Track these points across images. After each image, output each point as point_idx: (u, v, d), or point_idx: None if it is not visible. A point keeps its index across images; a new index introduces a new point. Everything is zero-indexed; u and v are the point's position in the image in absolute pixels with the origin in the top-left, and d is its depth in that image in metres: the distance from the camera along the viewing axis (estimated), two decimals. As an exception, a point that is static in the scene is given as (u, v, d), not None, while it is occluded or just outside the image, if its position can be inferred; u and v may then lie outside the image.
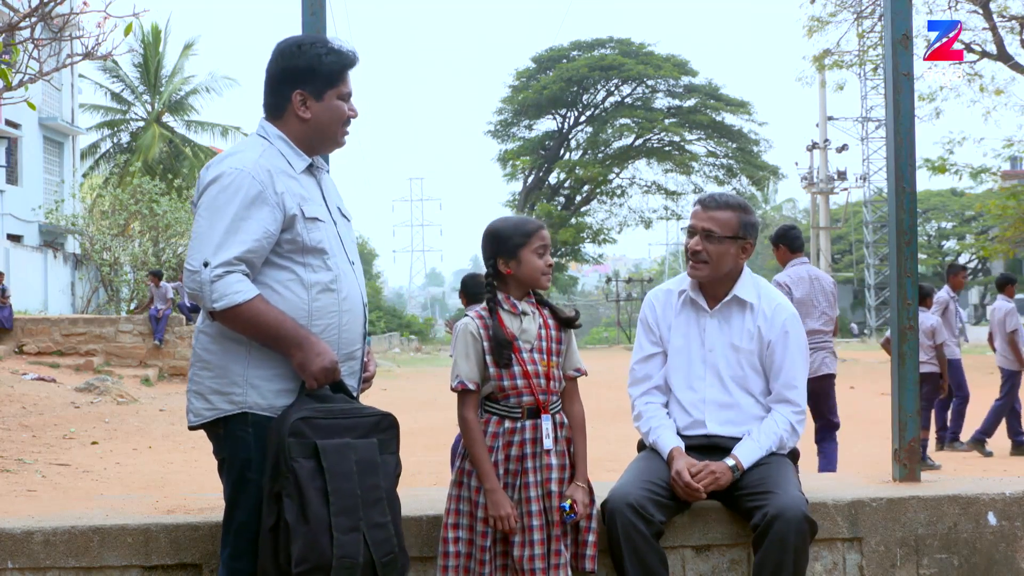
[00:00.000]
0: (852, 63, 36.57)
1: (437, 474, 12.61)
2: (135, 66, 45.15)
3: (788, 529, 3.86)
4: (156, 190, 32.42)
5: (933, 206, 77.65)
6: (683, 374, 4.37)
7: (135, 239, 32.34)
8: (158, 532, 4.03)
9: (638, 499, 3.95)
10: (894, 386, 4.66)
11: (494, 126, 72.25)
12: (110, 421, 17.35)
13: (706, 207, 4.34)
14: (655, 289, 4.62)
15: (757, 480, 4.10)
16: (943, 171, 30.10)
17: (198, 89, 45.95)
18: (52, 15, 10.87)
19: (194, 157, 44.45)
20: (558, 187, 70.80)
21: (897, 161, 4.63)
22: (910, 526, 4.31)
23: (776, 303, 4.36)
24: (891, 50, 4.67)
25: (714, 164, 70.59)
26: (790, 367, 4.28)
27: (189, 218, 33.69)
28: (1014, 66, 29.42)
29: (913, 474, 4.61)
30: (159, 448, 15.00)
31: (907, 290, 4.63)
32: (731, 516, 4.20)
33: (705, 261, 4.27)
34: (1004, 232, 32.35)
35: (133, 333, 24.43)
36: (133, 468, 13.05)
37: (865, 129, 61.99)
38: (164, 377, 24.07)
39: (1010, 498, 4.41)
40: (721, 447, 4.25)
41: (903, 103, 4.66)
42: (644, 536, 3.91)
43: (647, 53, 67.52)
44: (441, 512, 4.02)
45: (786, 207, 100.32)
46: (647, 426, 4.36)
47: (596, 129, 69.15)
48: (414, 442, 15.83)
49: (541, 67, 69.42)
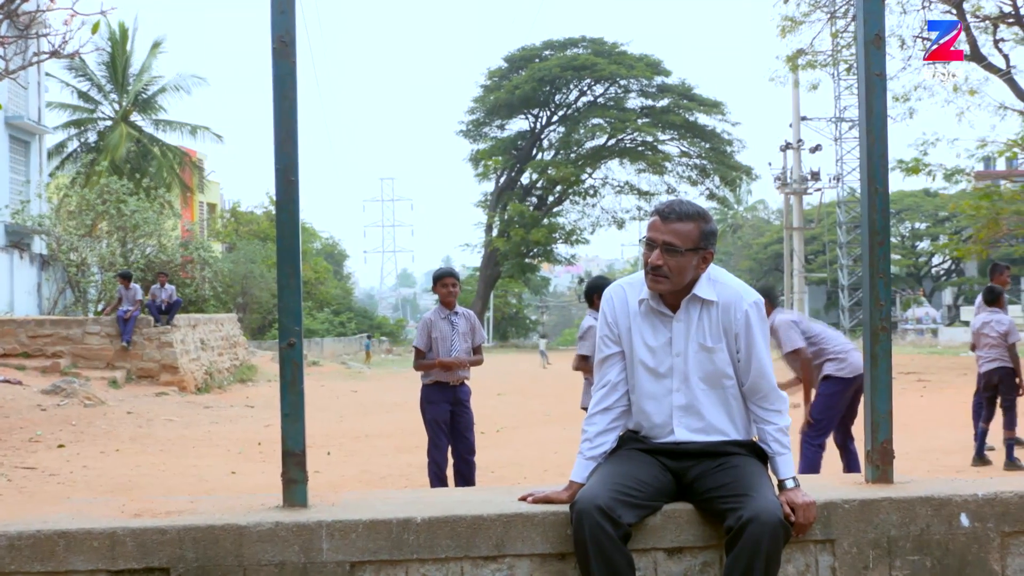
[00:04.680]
0: (826, 63, 36.82)
1: (408, 477, 12.61)
2: (102, 64, 44.91)
3: (762, 533, 3.85)
4: (124, 190, 32.29)
5: (907, 206, 78.15)
6: (649, 382, 4.32)
7: (102, 239, 32.19)
8: (124, 536, 4.00)
9: (607, 501, 3.93)
10: (867, 387, 4.66)
11: (466, 126, 72.37)
12: (77, 424, 17.27)
13: (666, 219, 4.19)
14: (614, 284, 4.51)
15: (731, 481, 4.09)
16: (917, 172, 30.27)
17: (166, 88, 45.74)
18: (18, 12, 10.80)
19: (162, 156, 44.29)
20: (530, 187, 70.89)
21: (870, 162, 4.63)
22: (883, 527, 4.31)
23: (734, 292, 4.28)
24: (863, 50, 4.67)
25: (687, 164, 70.89)
26: (758, 356, 4.25)
27: (158, 218, 33.59)
28: (988, 66, 29.61)
29: (886, 475, 4.61)
30: (126, 451, 14.93)
31: (880, 291, 4.62)
32: (704, 518, 4.19)
33: (666, 276, 4.18)
34: (978, 233, 32.48)
35: (101, 335, 24.34)
36: (100, 471, 12.98)
37: (838, 129, 62.31)
38: (132, 379, 23.98)
39: (982, 499, 4.40)
40: (691, 452, 4.25)
41: (876, 104, 4.65)
42: (611, 538, 3.89)
43: (620, 53, 67.72)
44: (412, 515, 4.03)
45: (759, 208, 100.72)
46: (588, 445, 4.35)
47: (568, 129, 69.32)
48: (385, 444, 15.83)
49: (513, 66, 69.54)
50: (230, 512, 4.19)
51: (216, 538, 3.99)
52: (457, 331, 9.58)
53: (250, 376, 30.73)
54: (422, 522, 4.07)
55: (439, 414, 9.56)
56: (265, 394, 26.15)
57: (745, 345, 4.25)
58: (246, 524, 4.01)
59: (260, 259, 47.81)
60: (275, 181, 4.28)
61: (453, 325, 9.59)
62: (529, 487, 4.48)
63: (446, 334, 9.55)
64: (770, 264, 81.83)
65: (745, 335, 4.24)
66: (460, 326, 9.61)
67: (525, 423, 18.21)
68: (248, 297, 47.10)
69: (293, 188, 4.29)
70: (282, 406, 4.31)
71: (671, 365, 4.28)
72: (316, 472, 11.41)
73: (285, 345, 4.29)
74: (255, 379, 30.55)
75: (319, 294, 66.98)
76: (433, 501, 4.37)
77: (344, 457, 14.54)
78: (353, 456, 14.65)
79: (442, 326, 9.57)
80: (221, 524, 4.01)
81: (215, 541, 3.99)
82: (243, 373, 30.66)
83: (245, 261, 46.90)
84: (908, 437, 13.82)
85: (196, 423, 19.23)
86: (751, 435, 4.36)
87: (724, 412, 4.30)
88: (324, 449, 15.00)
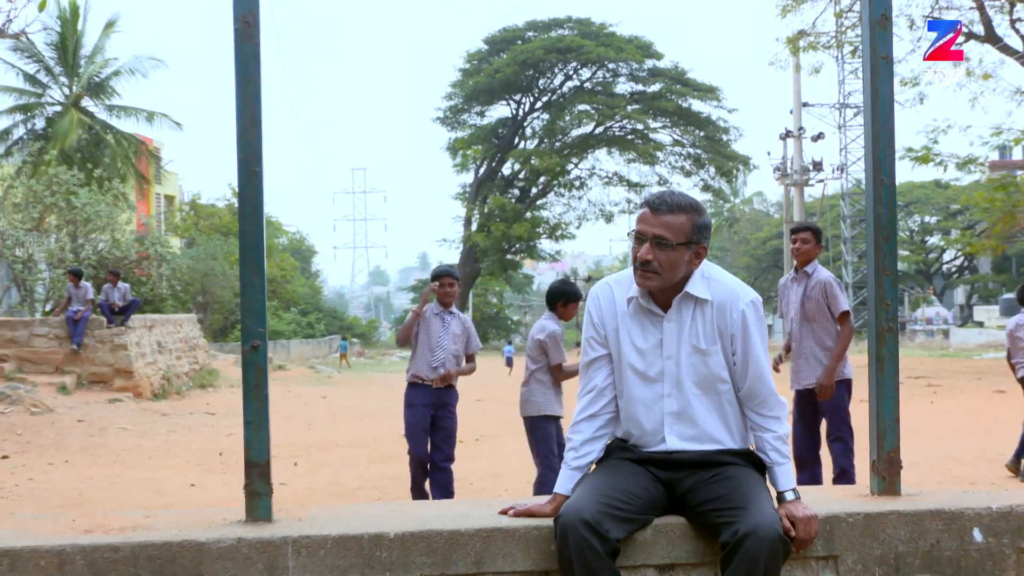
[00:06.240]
0: (829, 45, 36.84)
1: (380, 489, 12.60)
2: (51, 45, 44.65)
3: (760, 549, 3.83)
4: (74, 181, 32.19)
5: (916, 199, 78.43)
6: (639, 387, 4.31)
7: (51, 234, 32.11)
8: (74, 554, 3.98)
9: (593, 515, 3.92)
10: (872, 393, 4.65)
11: (443, 112, 72.42)
12: (23, 433, 17.22)
13: (656, 210, 4.17)
14: (600, 282, 4.50)
15: (727, 493, 4.08)
16: (927, 161, 30.30)
17: (121, 71, 45.49)
18: (-42, -11, 10.75)
19: (116, 145, 44.06)
20: (512, 178, 70.99)
21: (875, 151, 4.61)
22: (889, 543, 4.31)
23: (729, 290, 4.27)
24: (869, 31, 4.65)
25: (680, 154, 71.07)
26: (755, 359, 4.25)
27: (111, 211, 33.47)
28: (1003, 48, 29.59)
29: (892, 487, 4.60)
30: (76, 463, 14.88)
31: (886, 289, 4.60)
32: (697, 532, 4.18)
33: (656, 272, 4.15)
34: (992, 227, 32.57)
35: (49, 337, 24.23)
36: (48, 484, 12.94)
37: (843, 116, 62.33)
38: (83, 385, 23.89)
39: (997, 513, 4.40)
40: (683, 462, 4.25)
41: (882, 88, 4.64)
42: (598, 554, 3.88)
43: (608, 34, 67.81)
44: (385, 530, 4.03)
45: (756, 200, 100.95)
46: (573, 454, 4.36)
47: (553, 116, 69.38)
48: (356, 455, 15.82)
49: (494, 49, 69.60)
50: (189, 528, 4.18)
51: (173, 556, 3.97)
52: (448, 330, 9.85)
53: (211, 381, 30.67)
54: (395, 537, 4.06)
55: (418, 419, 9.74)
56: (227, 400, 26.09)
57: (742, 347, 4.24)
58: (206, 540, 4.00)
59: (222, 255, 47.69)
60: (238, 171, 4.26)
61: (445, 323, 9.89)
62: (510, 500, 4.48)
63: (435, 329, 9.83)
64: (769, 261, 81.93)
65: (742, 336, 4.23)
66: (453, 326, 9.84)
67: (506, 431, 18.21)
68: (209, 296, 47.02)
69: (257, 179, 4.27)
70: (245, 413, 4.30)
71: (662, 368, 4.27)
72: (282, 484, 11.41)
73: (248, 348, 4.28)
74: (216, 384, 30.50)
75: (285, 293, 66.90)
76: (407, 515, 4.36)
77: (312, 468, 14.52)
78: (322, 467, 14.63)
79: (433, 322, 9.88)
80: (179, 541, 3.99)
81: (172, 559, 3.97)
82: (203, 378, 30.60)
83: (205, 257, 46.81)
84: (917, 446, 13.88)
85: (152, 432, 19.18)
86: (748, 443, 4.35)
87: (719, 419, 4.29)
88: (291, 459, 14.98)
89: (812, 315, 9.41)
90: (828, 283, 9.38)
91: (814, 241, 9.60)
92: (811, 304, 9.39)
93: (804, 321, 9.45)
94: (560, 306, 9.30)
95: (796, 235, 9.65)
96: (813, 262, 9.58)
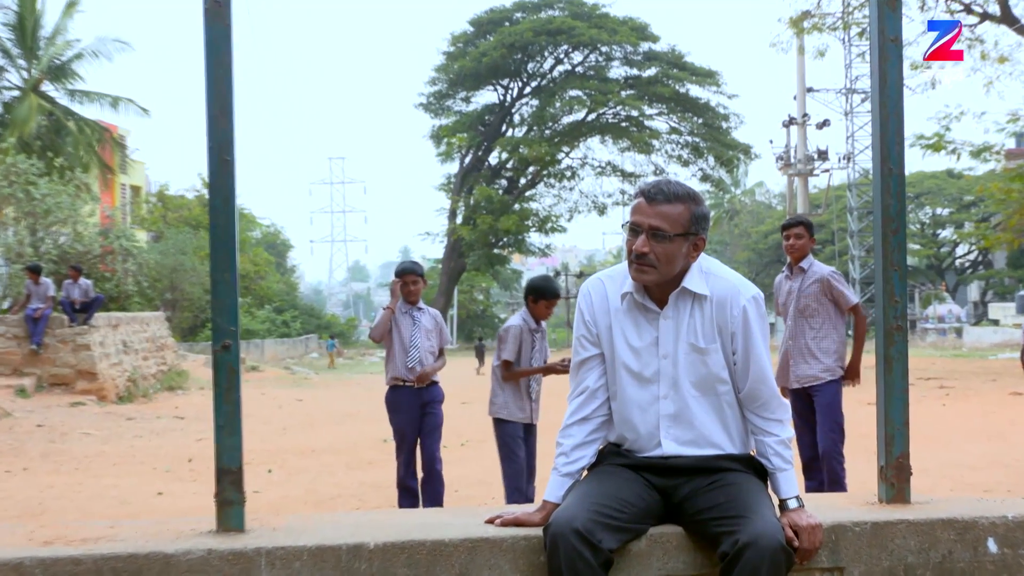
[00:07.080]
0: (835, 26, 36.79)
1: (360, 497, 12.59)
2: (8, 26, 44.53)
3: (761, 559, 3.81)
4: (33, 170, 32.09)
5: (927, 190, 78.50)
6: (633, 388, 4.30)
7: (9, 227, 32.01)
8: (33, 567, 3.97)
9: (585, 524, 3.91)
10: (880, 394, 4.65)
11: (426, 98, 72.39)
12: (-21, 439, 17.18)
13: (651, 200, 4.14)
14: (592, 278, 4.47)
15: (726, 501, 4.06)
16: (939, 149, 30.32)
17: (84, 54, 45.34)
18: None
19: (78, 132, 43.90)
20: (499, 168, 70.96)
21: (883, 138, 4.60)
22: (898, 554, 4.30)
23: (729, 285, 4.25)
24: (877, 11, 4.63)
25: (677, 142, 71.12)
26: (757, 358, 4.25)
27: (73, 203, 33.39)
28: (1020, 30, 29.54)
29: (901, 495, 4.59)
30: (36, 470, 14.86)
31: (895, 285, 4.59)
32: (695, 543, 4.18)
33: (652, 265, 4.13)
34: (1008, 219, 32.60)
35: (7, 336, 24.21)
36: (5, 493, 12.93)
37: (849, 102, 62.45)
38: (43, 387, 23.86)
39: (1012, 522, 4.39)
40: (680, 468, 4.25)
41: (890, 72, 4.62)
42: (590, 565, 3.87)
43: (601, 15, 67.80)
44: (365, 540, 4.02)
45: (758, 191, 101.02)
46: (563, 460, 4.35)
47: (543, 102, 69.35)
48: (334, 461, 15.81)
49: (480, 31, 69.57)
50: (156, 538, 4.17)
51: (139, 568, 3.96)
52: (420, 327, 9.96)
53: (180, 383, 30.63)
54: (376, 548, 4.05)
55: (404, 423, 9.83)
56: (197, 404, 26.06)
57: (743, 346, 4.23)
58: (174, 552, 3.98)
59: (191, 250, 47.64)
60: (208, 160, 4.25)
61: (415, 321, 10.04)
62: (497, 508, 4.48)
63: (405, 328, 9.98)
64: (771, 255, 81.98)
65: (743, 334, 4.22)
66: (423, 322, 9.94)
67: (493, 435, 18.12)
68: (177, 293, 46.94)
69: (229, 169, 4.26)
70: (216, 417, 4.29)
71: (658, 368, 4.26)
72: (255, 492, 11.40)
73: (219, 348, 4.27)
74: (185, 386, 30.46)
75: (259, 289, 66.84)
76: (388, 524, 4.36)
77: (288, 475, 14.51)
78: (298, 474, 14.62)
79: (403, 321, 10.01)
80: (145, 552, 3.98)
81: (138, 572, 3.96)
82: (171, 380, 30.57)
83: (174, 252, 46.72)
84: (928, 451, 13.89)
85: (117, 437, 19.15)
86: (748, 448, 4.35)
87: (718, 422, 4.28)
88: (265, 466, 14.97)
89: (809, 311, 9.47)
90: (829, 278, 9.44)
91: (808, 235, 9.67)
92: (807, 300, 9.46)
93: (800, 318, 9.51)
94: (530, 302, 9.24)
95: (789, 231, 9.71)
96: (808, 257, 9.65)
